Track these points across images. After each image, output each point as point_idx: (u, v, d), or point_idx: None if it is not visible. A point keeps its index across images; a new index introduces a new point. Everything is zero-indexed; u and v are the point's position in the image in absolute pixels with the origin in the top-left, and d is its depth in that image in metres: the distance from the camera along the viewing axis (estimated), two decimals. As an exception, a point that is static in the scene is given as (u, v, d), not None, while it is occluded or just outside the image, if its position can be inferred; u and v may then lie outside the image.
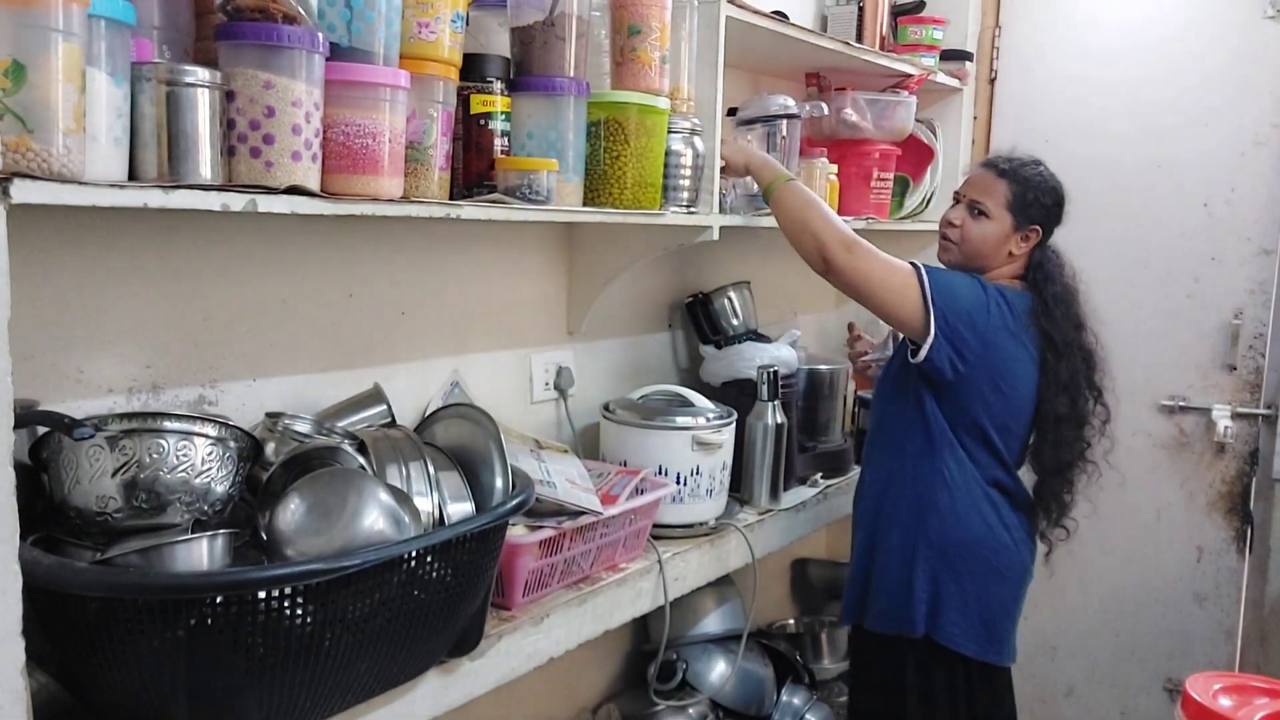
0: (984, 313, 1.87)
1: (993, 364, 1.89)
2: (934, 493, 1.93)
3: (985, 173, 2.01)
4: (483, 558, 1.30)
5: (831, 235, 1.86)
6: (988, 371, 1.88)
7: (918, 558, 1.92)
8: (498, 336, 1.94)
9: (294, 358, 1.58)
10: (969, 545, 1.92)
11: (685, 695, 2.21)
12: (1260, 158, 2.79)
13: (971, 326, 1.86)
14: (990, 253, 1.98)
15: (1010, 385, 1.91)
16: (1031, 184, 1.97)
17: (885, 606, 1.96)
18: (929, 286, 1.85)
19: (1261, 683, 1.94)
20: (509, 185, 1.51)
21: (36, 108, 0.95)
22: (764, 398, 2.11)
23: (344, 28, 1.27)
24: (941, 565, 1.92)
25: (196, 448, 1.21)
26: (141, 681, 1.05)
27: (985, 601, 1.93)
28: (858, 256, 1.86)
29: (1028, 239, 1.98)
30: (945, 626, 1.91)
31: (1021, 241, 1.98)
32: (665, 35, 1.75)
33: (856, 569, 2.05)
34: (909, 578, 1.92)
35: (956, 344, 1.85)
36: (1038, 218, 1.97)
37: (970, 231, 1.98)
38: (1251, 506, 2.86)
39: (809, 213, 1.90)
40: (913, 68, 2.66)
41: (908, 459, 1.96)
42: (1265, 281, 2.80)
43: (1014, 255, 1.99)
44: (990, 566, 1.93)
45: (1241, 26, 2.78)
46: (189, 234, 1.42)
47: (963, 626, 1.92)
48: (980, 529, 1.93)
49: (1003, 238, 1.97)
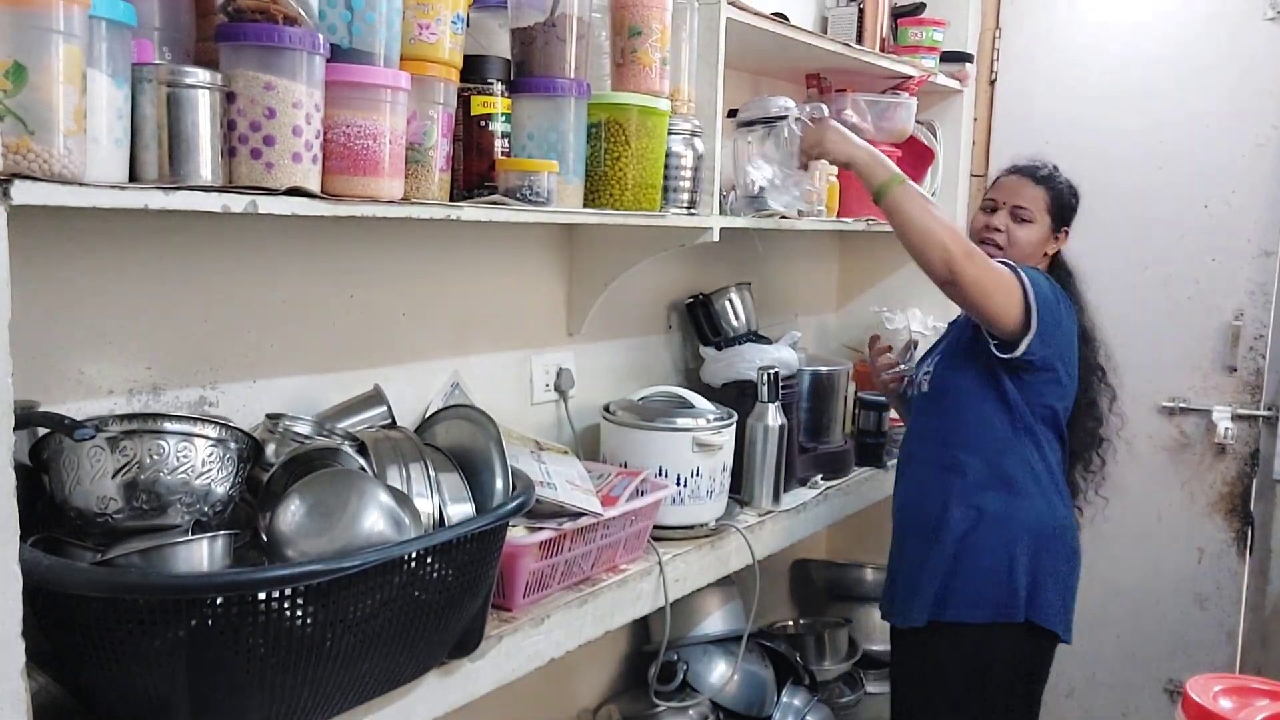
0: (1058, 302, 1.95)
1: (1065, 350, 1.98)
2: (1022, 480, 1.98)
3: (1022, 179, 2.09)
4: (483, 559, 1.30)
5: (958, 246, 1.85)
6: (1062, 358, 1.98)
7: (1017, 543, 1.95)
8: (498, 338, 1.94)
9: (294, 359, 1.59)
10: (1058, 528, 1.99)
11: (686, 696, 2.21)
12: (1261, 159, 2.79)
13: (1054, 315, 1.93)
14: (1033, 255, 2.07)
15: (1072, 370, 2.01)
16: (1065, 189, 2.09)
17: (978, 595, 1.96)
18: (1032, 295, 1.89)
19: (1262, 684, 1.94)
20: (509, 186, 1.51)
21: (37, 109, 0.95)
22: (764, 399, 2.10)
23: (345, 29, 1.27)
24: (1038, 549, 1.96)
25: (197, 449, 1.21)
26: (142, 682, 1.05)
27: (1068, 583, 2.01)
28: (979, 266, 1.86)
29: (1058, 240, 2.10)
30: (1044, 609, 1.96)
31: (1053, 243, 2.10)
32: (666, 37, 1.75)
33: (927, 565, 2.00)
34: (1008, 564, 1.95)
35: (1048, 333, 1.91)
36: (1069, 220, 2.10)
37: (1016, 236, 2.06)
38: (1252, 508, 2.86)
39: (933, 221, 1.87)
40: (913, 69, 2.66)
41: (986, 451, 1.99)
42: (1266, 283, 2.80)
43: (1047, 256, 2.10)
44: (1071, 548, 2.03)
45: (1242, 27, 2.79)
46: (190, 235, 1.42)
47: (1057, 607, 1.97)
48: (1063, 511, 2.02)
49: (1043, 240, 2.07)
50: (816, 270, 3.02)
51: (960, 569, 1.98)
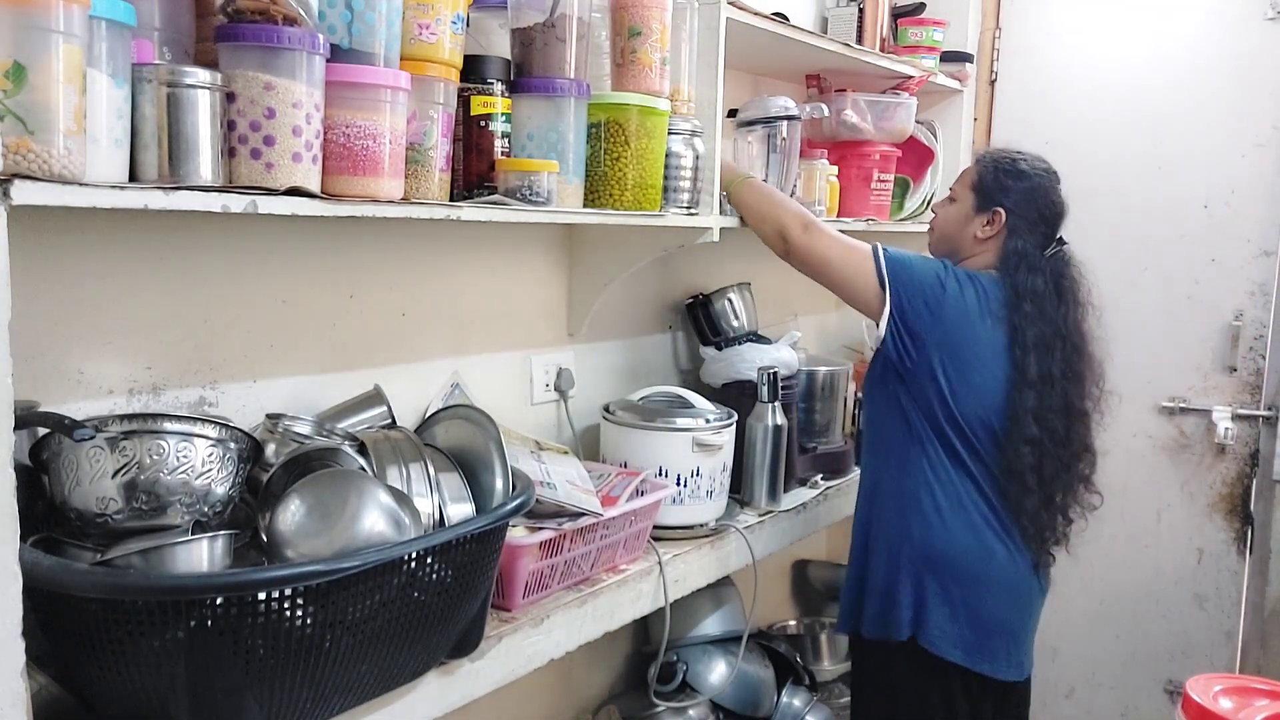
0: (938, 289, 1.83)
1: (954, 346, 1.83)
2: (917, 493, 1.87)
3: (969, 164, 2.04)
4: (483, 559, 1.30)
5: (790, 218, 1.93)
6: (949, 354, 1.83)
7: (902, 561, 1.88)
8: (498, 338, 1.94)
9: (294, 359, 1.59)
10: (954, 551, 1.85)
11: (685, 696, 2.20)
12: (1261, 159, 2.79)
13: (925, 303, 1.82)
14: (954, 234, 1.97)
15: (978, 372, 1.84)
16: (1000, 166, 1.93)
17: (875, 611, 1.92)
18: (884, 263, 1.85)
19: (1262, 684, 1.94)
20: (509, 187, 1.51)
21: (37, 109, 0.95)
22: (764, 399, 2.10)
23: (344, 29, 1.27)
24: (925, 569, 1.86)
25: (197, 449, 1.21)
26: (142, 683, 1.05)
27: (974, 609, 1.85)
28: (814, 236, 1.91)
29: (991, 223, 1.91)
30: (930, 631, 1.85)
31: (986, 225, 1.92)
32: (666, 37, 1.75)
33: (851, 575, 2.03)
34: (894, 581, 1.88)
35: (910, 322, 1.83)
36: (1000, 200, 1.90)
37: (939, 216, 2.03)
38: (1252, 508, 2.86)
39: (772, 207, 1.97)
40: (913, 69, 2.66)
41: (892, 458, 1.93)
42: (1265, 283, 2.81)
43: (980, 240, 1.93)
44: (975, 574, 1.85)
45: (1242, 28, 2.79)
46: (190, 235, 1.42)
47: (949, 632, 1.85)
48: (965, 535, 1.85)
49: (964, 219, 1.95)
50: (816, 270, 3.02)
51: (866, 584, 1.95)
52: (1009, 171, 1.92)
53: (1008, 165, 1.93)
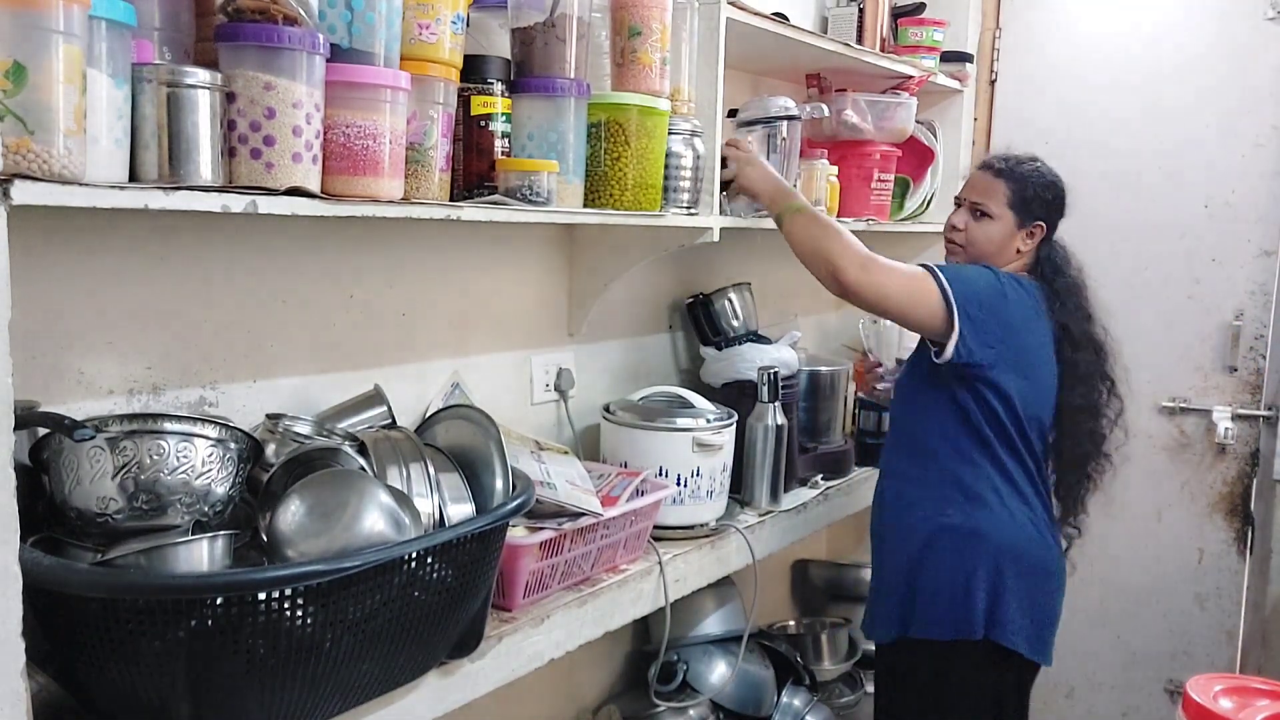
0: (1001, 297, 1.90)
1: (1018, 349, 1.91)
2: (982, 492, 1.92)
3: (983, 174, 2.03)
4: (483, 559, 1.30)
5: (846, 259, 1.86)
6: (1015, 357, 1.90)
7: (977, 560, 1.89)
8: (498, 338, 1.94)
9: (294, 359, 1.59)
10: (1022, 544, 1.92)
11: (686, 696, 2.21)
12: (1261, 159, 2.79)
13: (992, 311, 1.88)
14: (996, 252, 2.01)
15: (1035, 371, 1.93)
16: (1030, 180, 1.99)
17: (940, 612, 1.91)
18: (945, 282, 1.86)
19: (1263, 684, 1.94)
20: (510, 186, 1.51)
21: (37, 109, 0.95)
22: (764, 399, 2.10)
23: (344, 29, 1.27)
24: (1002, 563, 1.89)
25: (197, 449, 1.21)
26: (142, 683, 1.05)
27: (1036, 601, 1.92)
28: (872, 273, 1.87)
29: (1033, 235, 2.01)
30: (1004, 626, 1.88)
31: (1027, 238, 2.01)
32: (666, 37, 1.75)
33: (893, 580, 1.99)
34: (966, 581, 1.89)
35: (982, 332, 1.86)
36: (1040, 213, 2.00)
37: (975, 234, 2.01)
38: (1252, 508, 2.86)
39: (824, 240, 1.89)
40: (913, 69, 2.66)
41: (948, 463, 1.94)
42: (1266, 283, 2.81)
43: (1021, 253, 2.02)
44: (1042, 565, 1.94)
45: (1242, 27, 2.79)
46: (190, 235, 1.42)
47: (1019, 625, 1.90)
48: (1030, 528, 1.93)
49: (1007, 236, 2.00)
50: (816, 270, 3.02)
51: (920, 584, 1.94)
52: (1042, 184, 2.00)
53: (1036, 178, 2.00)
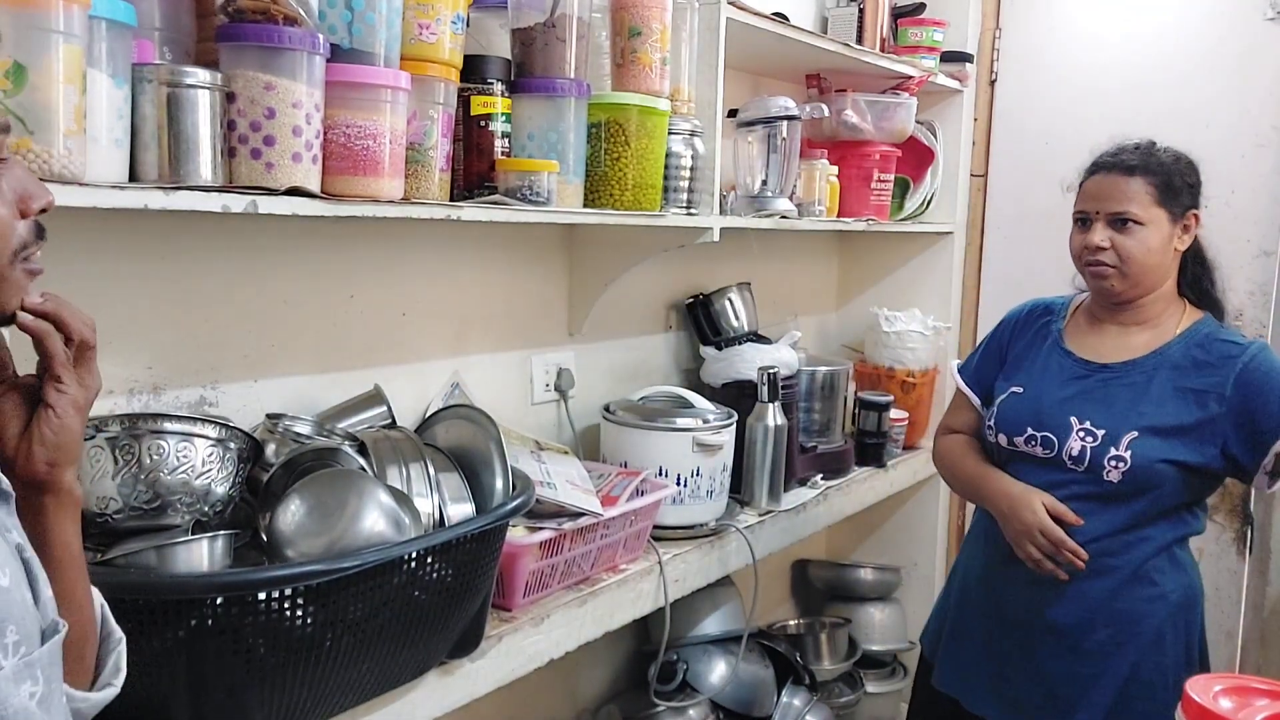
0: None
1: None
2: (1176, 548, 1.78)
3: (1110, 177, 1.75)
4: (483, 559, 1.30)
5: None
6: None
7: (1189, 610, 1.79)
8: (498, 338, 1.94)
9: (295, 359, 1.59)
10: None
11: (685, 696, 2.21)
12: (1260, 159, 2.78)
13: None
14: (1158, 263, 1.72)
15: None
16: (1170, 168, 1.73)
17: None
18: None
19: (1262, 684, 1.93)
20: (510, 186, 1.51)
21: (37, 109, 0.95)
22: (764, 399, 2.10)
23: (345, 29, 1.27)
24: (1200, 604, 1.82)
25: (197, 449, 1.21)
26: (142, 682, 1.05)
27: None
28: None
29: (1188, 228, 1.73)
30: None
31: (1183, 234, 1.73)
32: (666, 37, 1.75)
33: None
34: (1184, 633, 1.78)
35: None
36: (1189, 201, 1.73)
37: (1128, 248, 1.70)
38: (1252, 508, 2.85)
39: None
40: (913, 69, 2.66)
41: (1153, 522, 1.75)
42: (1265, 283, 2.80)
43: (1179, 251, 1.75)
44: None
45: (1242, 28, 2.78)
46: (190, 235, 1.42)
47: None
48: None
49: (1166, 240, 1.71)
50: (816, 270, 3.02)
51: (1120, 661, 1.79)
52: (1180, 169, 1.75)
53: (1173, 162, 1.75)
